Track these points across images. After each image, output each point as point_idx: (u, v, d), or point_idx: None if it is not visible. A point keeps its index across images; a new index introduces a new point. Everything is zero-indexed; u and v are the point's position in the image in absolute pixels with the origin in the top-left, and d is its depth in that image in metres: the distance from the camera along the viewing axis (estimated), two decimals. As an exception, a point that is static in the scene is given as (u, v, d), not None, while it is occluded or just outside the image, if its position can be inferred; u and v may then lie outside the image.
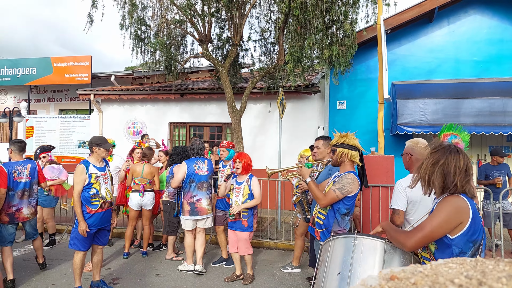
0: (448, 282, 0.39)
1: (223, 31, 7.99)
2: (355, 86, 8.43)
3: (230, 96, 7.10)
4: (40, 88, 12.07)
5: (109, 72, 11.05)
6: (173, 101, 9.76)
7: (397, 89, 7.71)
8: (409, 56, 8.21)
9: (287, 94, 8.26)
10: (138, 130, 10.05)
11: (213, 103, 9.55)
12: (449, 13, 8.03)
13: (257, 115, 9.24)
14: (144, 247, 5.50)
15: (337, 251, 2.07)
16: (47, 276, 4.57)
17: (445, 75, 7.96)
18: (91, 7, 7.09)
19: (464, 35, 7.95)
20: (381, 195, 5.08)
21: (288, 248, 5.88)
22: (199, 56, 7.83)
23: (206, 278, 4.57)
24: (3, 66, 11.53)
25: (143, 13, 7.45)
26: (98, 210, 3.87)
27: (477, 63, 7.86)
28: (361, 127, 8.24)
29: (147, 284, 4.36)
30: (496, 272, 0.39)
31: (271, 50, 7.95)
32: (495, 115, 6.86)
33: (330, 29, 6.27)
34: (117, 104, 10.26)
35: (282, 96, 6.97)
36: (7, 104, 12.08)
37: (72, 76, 10.88)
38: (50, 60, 11.11)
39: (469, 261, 0.48)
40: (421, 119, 7.16)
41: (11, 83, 11.57)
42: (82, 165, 3.85)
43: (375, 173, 5.16)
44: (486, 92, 7.16)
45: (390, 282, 0.52)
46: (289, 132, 8.76)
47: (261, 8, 7.69)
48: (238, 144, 6.89)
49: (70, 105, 11.99)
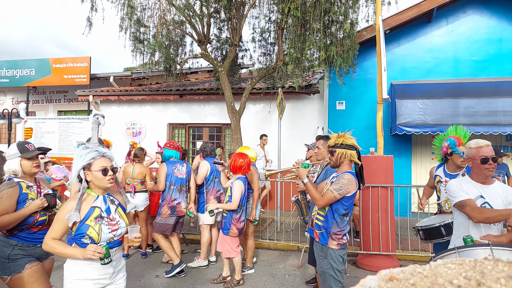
0: (447, 283, 0.39)
1: (222, 32, 7.99)
2: (354, 86, 8.43)
3: (229, 96, 7.10)
4: (39, 89, 12.07)
5: (108, 73, 11.05)
6: (172, 101, 9.76)
7: (396, 89, 7.71)
8: (408, 56, 8.22)
9: (286, 95, 8.27)
10: (137, 131, 10.04)
11: (212, 104, 9.55)
12: (447, 13, 8.05)
13: (257, 116, 9.24)
14: (143, 248, 5.49)
15: None
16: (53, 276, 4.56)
17: (444, 75, 7.97)
18: (90, 10, 7.09)
19: (463, 35, 7.97)
20: (381, 195, 5.08)
21: (288, 248, 5.87)
22: (198, 56, 7.83)
23: (206, 280, 4.56)
24: (1, 68, 11.53)
25: (142, 14, 7.45)
26: None
27: (476, 63, 7.87)
28: (360, 128, 8.25)
29: (147, 286, 4.35)
30: (495, 272, 0.39)
31: (270, 51, 7.96)
32: (494, 114, 6.87)
33: (329, 30, 6.27)
34: (116, 105, 10.26)
35: (281, 96, 6.97)
36: (6, 106, 12.07)
37: (71, 77, 10.88)
38: (48, 61, 11.11)
39: (468, 262, 0.48)
40: (420, 119, 7.17)
41: (10, 84, 11.56)
42: None
43: (375, 173, 5.16)
44: (485, 91, 7.16)
45: (389, 283, 0.52)
46: (288, 133, 8.76)
47: (260, 9, 7.69)
48: (238, 145, 6.89)
49: (68, 106, 11.99)
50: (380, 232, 5.02)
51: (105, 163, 2.19)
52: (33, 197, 2.56)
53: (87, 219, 2.11)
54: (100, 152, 2.21)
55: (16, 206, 2.48)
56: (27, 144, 2.63)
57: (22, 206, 2.49)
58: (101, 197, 2.22)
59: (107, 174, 2.17)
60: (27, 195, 2.55)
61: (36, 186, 2.67)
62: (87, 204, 2.16)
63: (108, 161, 2.22)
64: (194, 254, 5.58)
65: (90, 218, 2.11)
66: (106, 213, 2.20)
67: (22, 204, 2.50)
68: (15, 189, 2.50)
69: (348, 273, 4.91)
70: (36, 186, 2.67)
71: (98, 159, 2.18)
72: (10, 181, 2.55)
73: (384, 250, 5.00)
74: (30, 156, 2.59)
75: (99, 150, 2.22)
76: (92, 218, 2.11)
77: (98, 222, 2.12)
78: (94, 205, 2.16)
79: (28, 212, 2.47)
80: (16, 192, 2.50)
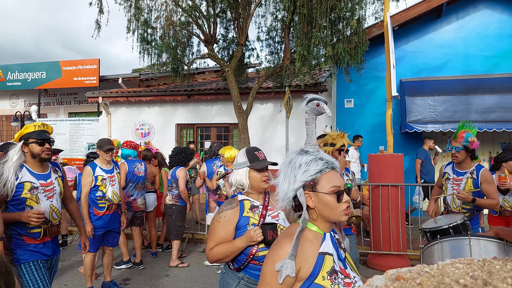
0: (453, 283, 0.38)
1: (228, 31, 8.01)
2: (363, 84, 8.35)
3: (236, 96, 7.10)
4: (50, 91, 12.25)
5: (116, 74, 11.16)
6: (180, 102, 9.81)
7: (406, 86, 7.62)
8: (418, 52, 8.11)
9: (294, 94, 8.23)
10: (146, 131, 10.12)
11: (219, 104, 9.57)
12: (457, 8, 7.92)
13: (264, 115, 9.22)
14: (153, 248, 5.53)
15: (448, 255, 2.09)
16: (59, 276, 4.63)
17: (455, 71, 7.85)
18: (98, 13, 7.17)
19: (474, 30, 7.83)
20: (391, 194, 5.02)
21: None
22: (205, 57, 7.86)
23: (216, 278, 4.58)
24: (14, 71, 11.74)
25: (149, 15, 7.51)
26: (105, 212, 3.89)
27: (487, 59, 7.73)
28: (369, 126, 8.18)
29: (157, 285, 4.38)
30: (503, 272, 0.37)
31: (277, 49, 7.94)
32: (507, 111, 6.73)
33: (336, 27, 6.23)
34: (125, 106, 10.35)
35: (289, 95, 6.95)
36: (18, 108, 12.29)
37: (81, 79, 11.02)
38: (59, 64, 11.27)
39: (477, 261, 0.47)
40: (430, 116, 7.06)
41: (22, 88, 11.77)
42: (89, 167, 3.91)
43: (384, 172, 5.11)
44: (497, 87, 7.03)
45: (396, 282, 0.51)
46: (296, 132, 8.73)
47: (266, 7, 7.68)
48: (245, 144, 6.89)
49: (79, 108, 12.15)
50: (390, 232, 4.96)
51: (338, 181, 1.32)
52: (254, 221, 1.88)
53: (317, 275, 1.24)
54: (329, 162, 1.34)
55: (236, 233, 1.88)
56: (257, 152, 2.03)
57: (242, 232, 1.87)
58: (328, 236, 1.34)
59: (340, 200, 1.29)
60: (248, 220, 1.88)
61: (262, 206, 1.95)
62: (310, 247, 1.28)
63: (339, 178, 1.34)
64: (204, 253, 5.60)
65: (321, 274, 1.25)
66: (340, 264, 1.33)
67: (242, 229, 1.87)
68: (234, 211, 1.89)
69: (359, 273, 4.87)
70: (262, 206, 1.95)
71: (327, 173, 1.32)
72: (232, 199, 1.98)
73: (395, 249, 4.94)
74: (261, 167, 1.96)
75: (327, 159, 1.34)
76: (324, 274, 1.25)
77: (335, 282, 1.26)
78: (323, 251, 1.29)
79: (241, 245, 1.82)
80: (235, 216, 1.88)
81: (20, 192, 2.46)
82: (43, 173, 2.62)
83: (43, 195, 2.56)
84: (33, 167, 2.58)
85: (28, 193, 2.49)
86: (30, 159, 2.56)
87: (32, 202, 2.50)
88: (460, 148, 3.12)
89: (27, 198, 2.48)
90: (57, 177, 2.72)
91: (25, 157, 2.55)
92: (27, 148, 2.55)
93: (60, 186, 2.73)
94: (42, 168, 2.63)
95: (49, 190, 2.61)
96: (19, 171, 2.49)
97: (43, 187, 2.58)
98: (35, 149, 2.54)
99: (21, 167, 2.52)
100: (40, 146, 2.55)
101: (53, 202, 2.62)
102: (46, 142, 2.58)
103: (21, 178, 2.48)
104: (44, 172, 2.63)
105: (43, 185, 2.58)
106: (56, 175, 2.72)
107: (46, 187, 2.60)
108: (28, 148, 2.54)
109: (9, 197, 2.44)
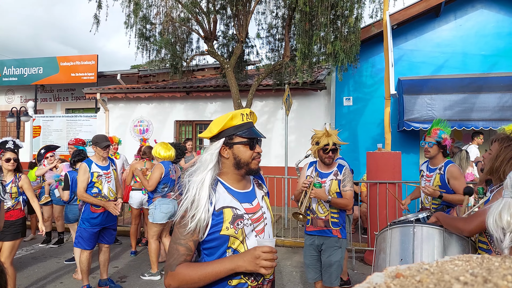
0: (453, 280, 0.39)
1: (228, 28, 7.99)
2: (362, 82, 8.37)
3: (236, 93, 7.10)
4: (47, 87, 12.19)
5: (115, 70, 11.12)
6: (179, 99, 9.79)
7: (404, 85, 7.64)
8: (416, 51, 8.13)
9: (293, 91, 8.24)
10: (144, 128, 10.10)
11: (219, 101, 9.56)
12: (456, 8, 7.93)
13: (263, 112, 9.22)
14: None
15: (396, 240, 2.23)
16: (55, 275, 4.63)
17: (453, 70, 7.87)
18: (97, 8, 7.12)
19: (472, 29, 7.85)
20: (389, 191, 5.05)
21: (295, 245, 5.88)
22: (205, 53, 7.84)
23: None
24: (10, 66, 11.67)
25: (148, 11, 7.47)
26: (102, 209, 3.89)
27: (485, 58, 7.75)
28: (367, 124, 8.20)
29: (155, 283, 4.39)
30: (502, 269, 0.38)
31: (277, 47, 7.93)
32: (505, 110, 6.77)
33: (335, 25, 6.23)
34: (123, 103, 10.32)
35: (288, 93, 6.95)
36: (14, 104, 12.22)
37: (78, 75, 10.97)
38: (56, 60, 11.22)
39: (475, 258, 0.48)
40: (428, 115, 7.09)
41: (18, 83, 11.71)
42: (85, 164, 3.89)
43: (382, 170, 5.14)
44: (495, 86, 7.06)
45: (395, 280, 0.52)
46: (295, 129, 8.74)
47: (266, 4, 7.66)
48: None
49: (76, 104, 12.10)
50: (387, 229, 4.99)
51: None
52: None
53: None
54: None
55: None
56: None
57: None
58: None
59: None
60: None
61: None
62: None
63: None
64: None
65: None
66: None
67: None
68: None
69: (356, 269, 4.90)
70: None
71: None
72: None
73: (391, 246, 4.98)
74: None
75: None
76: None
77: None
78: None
79: None
80: None
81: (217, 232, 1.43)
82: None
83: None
84: (232, 184, 1.51)
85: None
86: (231, 169, 1.50)
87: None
88: (433, 143, 3.18)
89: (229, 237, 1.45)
90: None
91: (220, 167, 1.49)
92: (229, 152, 1.48)
93: None
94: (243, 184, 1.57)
95: None
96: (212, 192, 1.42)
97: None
98: (243, 154, 1.48)
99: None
100: (251, 150, 1.49)
101: None
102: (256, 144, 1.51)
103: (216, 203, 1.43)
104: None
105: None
106: None
107: None
108: (231, 151, 1.48)
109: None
